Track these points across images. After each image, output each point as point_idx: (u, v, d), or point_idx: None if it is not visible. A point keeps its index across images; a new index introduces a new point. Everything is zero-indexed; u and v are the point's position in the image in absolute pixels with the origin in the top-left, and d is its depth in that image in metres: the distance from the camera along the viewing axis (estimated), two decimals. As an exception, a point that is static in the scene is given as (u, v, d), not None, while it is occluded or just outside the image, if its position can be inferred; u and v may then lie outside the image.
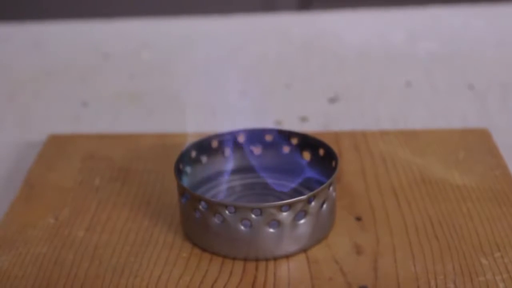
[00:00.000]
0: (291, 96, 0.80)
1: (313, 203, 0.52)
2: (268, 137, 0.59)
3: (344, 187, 0.60)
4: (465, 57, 0.87)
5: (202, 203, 0.52)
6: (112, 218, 0.57)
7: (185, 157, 0.57)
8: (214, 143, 0.59)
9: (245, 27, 0.98)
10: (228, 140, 0.59)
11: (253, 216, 0.51)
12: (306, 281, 0.50)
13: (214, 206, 0.51)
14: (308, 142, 0.58)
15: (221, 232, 0.52)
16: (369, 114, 0.76)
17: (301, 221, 0.52)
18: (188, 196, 0.53)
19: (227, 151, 0.59)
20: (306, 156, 0.59)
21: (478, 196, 0.58)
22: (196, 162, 0.58)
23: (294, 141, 0.59)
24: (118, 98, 0.80)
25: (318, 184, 0.55)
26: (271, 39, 0.95)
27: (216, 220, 0.52)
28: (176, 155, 0.56)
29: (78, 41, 0.96)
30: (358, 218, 0.56)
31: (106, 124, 0.75)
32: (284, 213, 0.51)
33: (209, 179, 0.59)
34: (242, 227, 0.51)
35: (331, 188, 0.53)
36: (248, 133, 0.59)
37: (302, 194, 0.56)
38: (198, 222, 0.52)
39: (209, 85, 0.83)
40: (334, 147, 0.59)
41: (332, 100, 0.78)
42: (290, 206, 0.51)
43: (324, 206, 0.53)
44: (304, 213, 0.52)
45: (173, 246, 0.54)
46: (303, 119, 0.75)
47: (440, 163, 0.62)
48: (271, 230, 0.51)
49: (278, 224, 0.51)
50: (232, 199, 0.57)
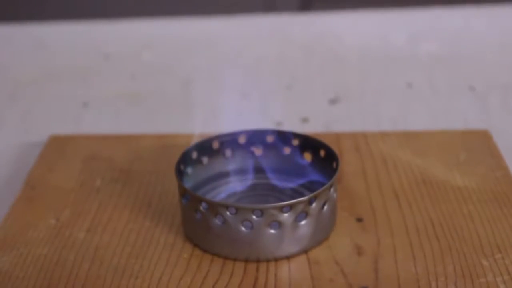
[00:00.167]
0: (292, 97, 0.80)
1: (314, 204, 0.52)
2: (269, 138, 0.59)
3: (345, 188, 0.60)
4: (466, 59, 0.87)
5: (203, 204, 0.52)
6: (113, 219, 0.57)
7: (186, 158, 0.57)
8: (215, 144, 0.59)
9: (246, 28, 0.98)
10: (229, 141, 0.59)
11: (254, 217, 0.51)
12: (307, 282, 0.51)
13: (215, 207, 0.51)
14: (309, 143, 0.58)
15: (222, 233, 0.52)
16: (370, 115, 0.76)
17: (302, 222, 0.52)
18: (189, 197, 0.53)
19: (228, 152, 0.59)
20: (307, 157, 0.59)
21: (479, 198, 0.58)
22: (197, 163, 0.58)
23: (295, 142, 0.59)
24: (119, 99, 0.80)
25: (319, 185, 0.55)
26: (272, 40, 0.95)
27: (217, 221, 0.52)
28: (177, 156, 0.56)
29: (79, 42, 0.96)
30: (359, 219, 0.56)
31: (107, 125, 0.75)
32: (285, 214, 0.51)
33: (210, 180, 0.59)
34: (243, 228, 0.51)
35: (332, 189, 0.53)
36: (249, 134, 0.59)
37: (303, 195, 0.56)
38: (199, 223, 0.52)
39: (210, 86, 0.83)
40: (335, 148, 0.59)
41: (333, 101, 0.78)
42: (291, 207, 0.51)
43: (325, 207, 0.53)
44: (305, 214, 0.52)
45: (174, 247, 0.54)
46: (304, 120, 0.75)
47: (441, 165, 0.62)
48: (272, 231, 0.51)
49: (279, 225, 0.51)
50: (233, 200, 0.57)
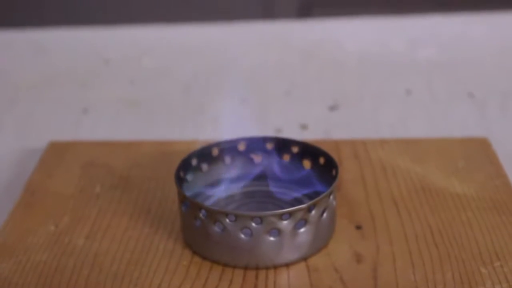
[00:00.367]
0: (291, 104, 0.80)
1: (314, 212, 0.52)
2: (269, 145, 0.59)
3: (344, 196, 0.60)
4: (465, 65, 0.87)
5: (203, 211, 0.52)
6: (112, 226, 0.57)
7: (186, 165, 0.57)
8: (215, 151, 0.59)
9: (246, 34, 0.98)
10: (229, 148, 0.59)
11: (254, 225, 0.51)
12: (306, 290, 0.51)
13: (215, 214, 0.51)
14: (309, 151, 0.58)
15: (222, 240, 0.52)
16: (369, 122, 0.76)
17: (301, 230, 0.52)
18: (189, 204, 0.53)
19: (228, 159, 0.59)
20: (307, 165, 0.59)
21: (478, 205, 0.58)
22: (197, 170, 0.58)
23: (295, 150, 0.59)
24: (119, 105, 0.80)
25: (318, 192, 0.56)
26: (271, 46, 0.95)
27: (217, 228, 0.52)
28: (177, 163, 0.56)
29: (79, 47, 0.96)
30: (358, 227, 0.56)
31: (107, 131, 0.76)
32: (285, 222, 0.51)
33: (210, 187, 0.59)
34: (243, 236, 0.51)
35: (331, 197, 0.54)
36: (249, 141, 0.59)
37: (302, 202, 0.56)
38: (199, 230, 0.53)
39: (209, 92, 0.83)
40: (334, 155, 0.59)
41: (332, 108, 0.79)
42: (291, 215, 0.51)
43: (324, 215, 0.53)
44: (305, 222, 0.52)
45: (173, 254, 0.54)
46: (303, 127, 0.75)
47: (440, 172, 0.62)
48: (272, 239, 0.51)
49: (279, 233, 0.51)
50: (233, 207, 0.57)
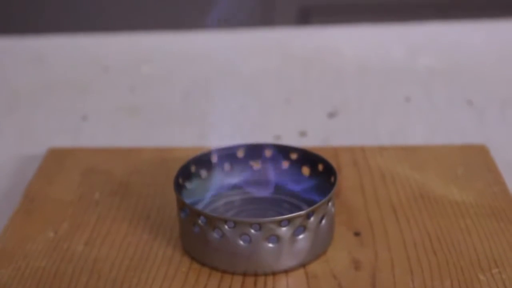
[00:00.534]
0: (290, 111, 0.81)
1: (312, 219, 0.52)
2: (268, 152, 0.60)
3: (343, 202, 0.60)
4: (464, 73, 0.88)
5: (201, 218, 0.52)
6: (112, 232, 0.57)
7: (185, 172, 0.57)
8: (214, 158, 0.59)
9: (245, 42, 0.98)
10: (228, 155, 0.59)
11: (252, 231, 0.51)
12: (305, 297, 0.51)
13: (214, 221, 0.51)
14: (307, 157, 0.59)
15: (220, 247, 0.52)
16: (368, 129, 0.76)
17: (300, 236, 0.52)
18: (187, 211, 0.53)
19: (227, 166, 0.60)
20: (305, 171, 0.59)
21: (477, 212, 0.58)
22: (196, 177, 0.58)
23: (293, 156, 0.59)
24: (118, 112, 0.80)
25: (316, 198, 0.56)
26: (271, 54, 0.95)
27: (215, 235, 0.52)
28: (176, 169, 0.57)
29: (78, 55, 0.96)
30: (357, 233, 0.56)
31: (106, 138, 0.76)
32: (283, 228, 0.51)
33: (208, 194, 0.59)
34: (241, 242, 0.51)
35: (330, 204, 0.54)
36: (247, 148, 0.60)
37: (301, 209, 0.57)
38: (197, 237, 0.53)
39: (209, 99, 0.83)
40: (333, 162, 0.59)
41: (331, 115, 0.79)
42: (289, 221, 0.51)
43: (323, 222, 0.53)
44: (303, 228, 0.52)
45: (172, 261, 0.54)
46: (302, 134, 0.75)
47: (439, 179, 0.63)
48: (270, 245, 0.51)
49: (277, 239, 0.51)
50: (231, 214, 0.57)
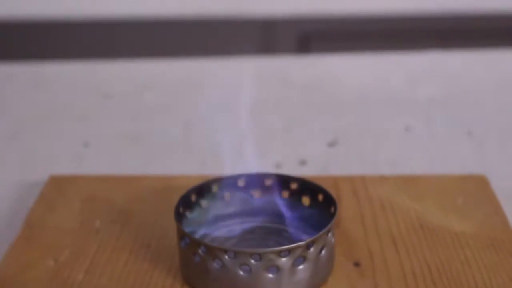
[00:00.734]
0: (291, 139, 0.81)
1: (312, 249, 0.52)
2: (268, 182, 0.60)
3: (343, 232, 0.60)
4: (464, 103, 0.88)
5: (202, 248, 0.52)
6: (112, 261, 0.57)
7: (185, 201, 0.57)
8: (214, 187, 0.59)
9: (245, 69, 0.99)
10: (228, 184, 0.60)
11: (253, 262, 0.51)
12: (304, 327, 0.51)
13: (214, 251, 0.52)
14: (307, 187, 0.59)
15: (220, 277, 0.52)
16: (368, 158, 0.77)
17: (300, 267, 0.52)
18: (188, 240, 0.53)
19: (227, 195, 0.60)
20: (305, 201, 0.59)
21: (476, 243, 0.58)
22: (196, 206, 0.58)
23: (293, 186, 0.59)
24: (120, 139, 0.81)
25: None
26: (271, 81, 0.96)
27: (216, 265, 0.52)
28: (177, 198, 0.57)
29: (81, 81, 0.96)
30: (357, 264, 0.57)
31: (108, 164, 0.76)
32: (283, 259, 0.51)
33: (209, 223, 0.59)
34: (242, 272, 0.51)
35: (330, 234, 0.54)
36: (248, 178, 0.60)
37: (301, 239, 0.57)
38: (198, 266, 0.53)
39: (210, 127, 0.83)
40: (333, 192, 0.59)
41: (331, 144, 0.79)
42: (290, 252, 0.51)
43: (323, 252, 0.53)
44: (303, 259, 0.52)
45: (172, 290, 0.54)
46: (302, 163, 0.75)
47: (439, 209, 0.63)
48: (270, 276, 0.51)
49: (277, 270, 0.51)
50: (231, 244, 0.57)
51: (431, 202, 0.64)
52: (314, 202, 0.58)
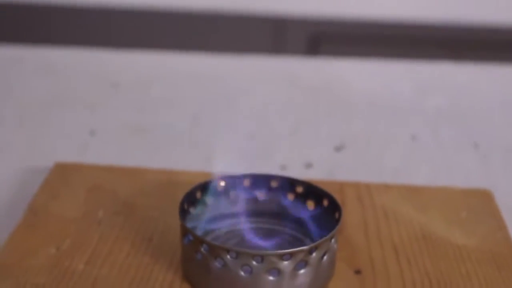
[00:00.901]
0: (297, 141, 0.81)
1: (314, 254, 0.52)
2: (273, 183, 0.60)
3: (345, 239, 0.60)
4: (472, 115, 0.88)
5: (204, 246, 0.52)
6: (113, 252, 0.57)
7: (190, 198, 0.57)
8: (220, 186, 0.59)
9: (255, 68, 0.99)
10: (234, 183, 0.60)
11: (254, 263, 0.51)
12: (302, 332, 0.51)
13: (216, 250, 0.51)
14: (313, 191, 0.59)
15: (221, 276, 0.52)
16: (374, 165, 0.77)
17: (301, 271, 0.52)
18: (191, 238, 0.53)
19: (232, 194, 0.60)
20: (310, 205, 0.59)
21: (478, 258, 0.58)
22: (201, 203, 0.58)
23: (299, 190, 0.59)
24: (126, 129, 0.81)
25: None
26: (279, 82, 0.96)
27: (217, 264, 0.52)
28: (181, 193, 0.57)
29: (88, 69, 0.96)
30: (357, 271, 0.57)
31: (113, 154, 0.76)
32: (285, 262, 0.51)
33: (213, 221, 0.59)
34: (242, 273, 0.51)
35: (333, 240, 0.54)
36: (254, 178, 0.60)
37: (303, 243, 0.57)
38: (199, 264, 0.53)
39: (216, 125, 0.83)
40: (338, 197, 0.59)
41: (338, 148, 0.79)
42: (291, 255, 0.51)
43: (325, 258, 0.53)
44: (305, 264, 0.52)
45: (172, 286, 0.54)
46: (308, 166, 0.75)
47: (442, 221, 0.63)
48: (271, 278, 0.51)
49: (278, 273, 0.51)
50: (233, 243, 0.57)
51: (435, 214, 0.64)
52: (319, 207, 0.58)
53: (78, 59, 0.99)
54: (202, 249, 0.52)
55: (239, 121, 0.84)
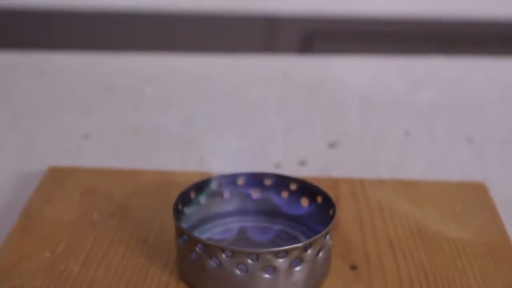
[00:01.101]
0: (291, 139, 0.81)
1: (309, 251, 0.52)
2: (267, 181, 0.60)
3: (340, 235, 0.60)
4: (465, 109, 0.88)
5: (199, 245, 0.52)
6: (109, 255, 0.57)
7: (184, 198, 0.57)
8: (214, 185, 0.59)
9: (248, 67, 0.99)
10: (228, 182, 0.60)
11: (249, 261, 0.51)
12: (299, 329, 0.51)
13: (211, 249, 0.51)
14: (307, 188, 0.59)
15: (217, 275, 0.52)
16: (368, 161, 0.77)
17: (297, 268, 0.52)
18: (186, 238, 0.53)
19: (226, 193, 0.60)
20: (304, 202, 0.59)
21: (473, 251, 0.58)
22: (195, 203, 0.58)
23: (293, 187, 0.59)
24: (120, 132, 0.81)
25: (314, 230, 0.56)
26: (272, 80, 0.96)
27: (212, 263, 0.52)
28: (175, 194, 0.57)
29: (82, 73, 0.96)
30: (353, 267, 0.57)
31: (107, 158, 0.76)
32: (280, 260, 0.51)
33: (207, 221, 0.59)
34: (238, 272, 0.51)
35: (328, 237, 0.54)
36: (248, 177, 0.60)
37: (298, 240, 0.57)
38: (194, 264, 0.53)
39: (210, 124, 0.83)
40: (332, 194, 0.59)
41: (332, 145, 0.79)
42: (287, 253, 0.51)
43: (320, 254, 0.53)
44: (300, 261, 0.52)
45: (168, 287, 0.54)
46: (302, 163, 0.75)
47: (437, 216, 0.63)
48: (267, 276, 0.51)
49: (274, 270, 0.51)
50: (228, 242, 0.57)
51: (430, 208, 0.64)
52: (313, 204, 0.58)
53: (71, 63, 0.99)
54: (197, 249, 0.52)
55: (233, 120, 0.84)
